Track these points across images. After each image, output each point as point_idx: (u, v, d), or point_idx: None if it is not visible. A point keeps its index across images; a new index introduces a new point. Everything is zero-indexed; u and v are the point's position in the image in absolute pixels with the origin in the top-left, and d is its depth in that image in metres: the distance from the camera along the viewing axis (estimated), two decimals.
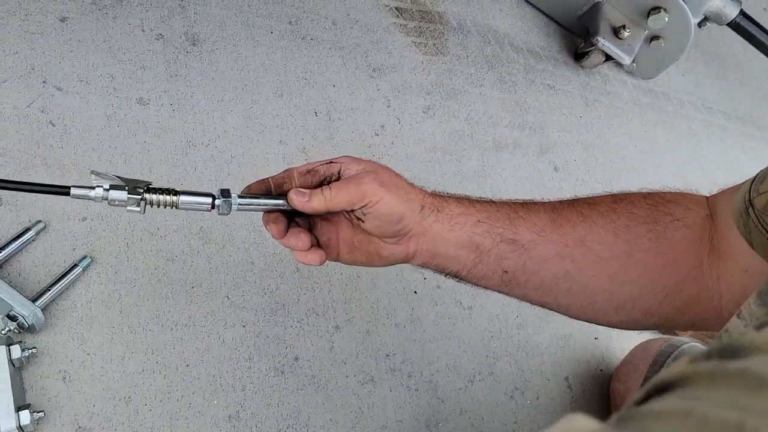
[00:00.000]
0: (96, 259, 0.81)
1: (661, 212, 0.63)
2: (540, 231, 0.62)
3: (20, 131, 0.83)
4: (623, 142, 1.40)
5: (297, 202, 0.58)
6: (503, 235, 0.62)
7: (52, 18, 0.92)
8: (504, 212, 0.63)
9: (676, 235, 0.62)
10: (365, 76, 1.14)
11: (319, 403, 0.86)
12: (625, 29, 1.31)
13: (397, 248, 0.63)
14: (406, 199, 0.60)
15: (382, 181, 0.58)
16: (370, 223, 0.60)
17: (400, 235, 0.61)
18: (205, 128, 0.95)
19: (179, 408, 0.78)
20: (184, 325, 0.82)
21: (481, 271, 0.64)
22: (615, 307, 0.64)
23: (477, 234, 0.62)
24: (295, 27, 1.12)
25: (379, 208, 0.58)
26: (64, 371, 0.74)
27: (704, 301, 0.62)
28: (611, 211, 0.63)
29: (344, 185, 0.58)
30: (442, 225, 0.61)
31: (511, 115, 1.27)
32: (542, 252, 0.62)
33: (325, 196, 0.58)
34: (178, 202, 0.57)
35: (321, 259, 0.62)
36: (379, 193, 0.57)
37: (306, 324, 0.90)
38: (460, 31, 1.31)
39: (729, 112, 1.66)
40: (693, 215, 0.63)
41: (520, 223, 0.62)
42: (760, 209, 0.55)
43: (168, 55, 0.98)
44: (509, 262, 0.63)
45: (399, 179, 0.61)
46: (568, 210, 0.64)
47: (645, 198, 0.64)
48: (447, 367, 0.97)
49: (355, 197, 0.57)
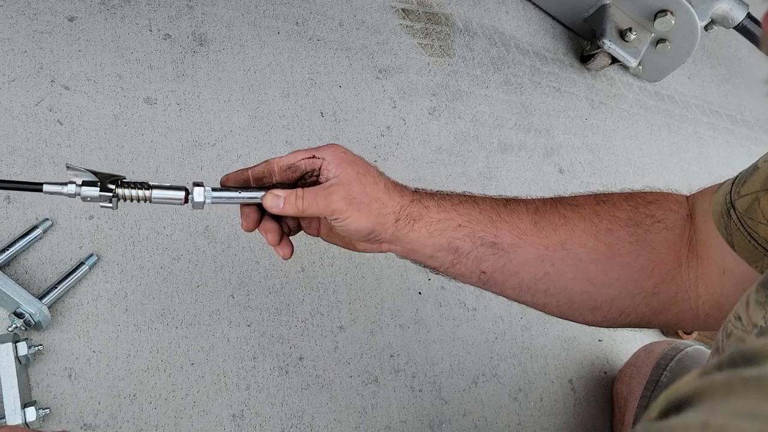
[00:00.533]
0: (102, 257, 0.81)
1: (643, 214, 0.62)
2: (521, 234, 0.62)
3: (28, 129, 0.84)
4: (629, 144, 1.40)
5: (271, 206, 0.59)
6: (483, 239, 0.62)
7: (60, 17, 0.93)
8: (486, 214, 0.62)
9: (657, 238, 0.62)
10: (371, 77, 1.14)
11: (323, 403, 0.86)
12: (631, 32, 1.31)
13: (370, 246, 0.63)
14: (377, 215, 0.59)
15: (352, 198, 0.57)
16: (340, 231, 0.60)
17: (370, 240, 0.62)
18: (212, 128, 0.96)
19: (184, 406, 0.78)
20: (189, 324, 0.83)
21: (458, 270, 0.64)
22: (592, 308, 0.64)
23: (457, 238, 0.61)
24: (302, 28, 1.12)
25: (346, 224, 0.58)
26: (69, 369, 0.75)
27: (681, 302, 0.62)
28: (593, 214, 0.63)
29: (315, 197, 0.57)
30: (418, 233, 0.61)
31: (517, 117, 1.27)
32: (522, 255, 0.62)
33: (297, 206, 0.58)
34: (150, 196, 0.58)
35: (285, 255, 0.63)
36: (347, 212, 0.57)
37: (310, 324, 0.90)
38: (466, 33, 1.31)
39: (735, 116, 1.66)
40: (674, 216, 0.63)
41: (502, 225, 0.62)
42: (742, 212, 0.55)
43: (175, 55, 0.98)
44: (488, 263, 0.63)
45: (375, 189, 0.59)
46: (550, 212, 0.63)
47: (627, 200, 0.64)
48: (451, 368, 0.97)
49: (324, 211, 0.58)
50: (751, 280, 0.55)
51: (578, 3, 1.37)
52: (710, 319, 0.62)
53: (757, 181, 0.54)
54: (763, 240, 0.53)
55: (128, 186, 0.57)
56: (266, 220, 0.63)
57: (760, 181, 0.54)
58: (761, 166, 0.55)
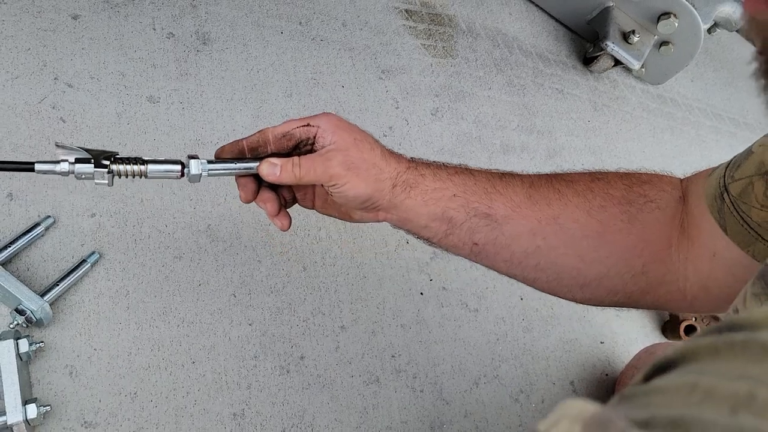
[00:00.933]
0: (104, 255, 0.81)
1: (636, 193, 0.63)
2: (515, 207, 0.62)
3: (31, 127, 0.84)
4: (631, 147, 1.40)
5: (268, 174, 0.58)
6: (477, 210, 0.61)
7: (64, 15, 0.93)
8: (481, 185, 0.62)
9: (649, 217, 0.62)
10: (374, 78, 1.14)
11: (324, 403, 0.86)
12: (634, 34, 1.31)
13: (366, 215, 0.63)
14: (375, 180, 0.59)
15: (350, 163, 0.57)
16: (337, 198, 0.60)
17: (367, 208, 0.62)
18: (215, 126, 0.96)
19: (185, 405, 0.78)
20: (191, 323, 0.83)
21: (451, 242, 0.64)
22: (581, 284, 0.64)
23: (451, 208, 0.61)
24: (306, 28, 1.12)
25: (344, 190, 0.58)
26: (71, 366, 0.75)
27: (669, 282, 0.62)
28: (587, 190, 0.63)
29: (312, 164, 0.57)
30: (414, 201, 0.61)
31: (520, 119, 1.27)
32: (515, 227, 0.62)
33: (294, 173, 0.58)
34: (146, 171, 0.57)
35: (283, 227, 0.63)
36: (345, 177, 0.57)
37: (312, 323, 0.90)
38: (469, 34, 1.31)
39: (738, 119, 1.66)
40: (667, 197, 0.63)
41: (497, 197, 0.62)
42: (736, 195, 0.55)
43: (179, 53, 0.98)
44: (481, 235, 0.62)
45: (372, 155, 0.59)
46: (545, 186, 0.63)
47: (621, 178, 0.64)
48: (452, 369, 0.97)
49: (322, 177, 0.57)
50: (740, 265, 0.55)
51: (581, 5, 1.37)
52: (696, 302, 0.62)
53: (751, 166, 0.55)
54: (755, 224, 0.54)
55: (123, 161, 0.56)
56: (264, 190, 0.63)
57: (754, 166, 0.54)
58: (756, 150, 0.55)
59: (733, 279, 0.57)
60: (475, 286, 1.04)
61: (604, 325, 1.13)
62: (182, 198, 0.89)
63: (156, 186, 0.88)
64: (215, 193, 0.91)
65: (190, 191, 0.90)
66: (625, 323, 1.16)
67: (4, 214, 0.78)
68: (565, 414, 0.24)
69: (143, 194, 0.87)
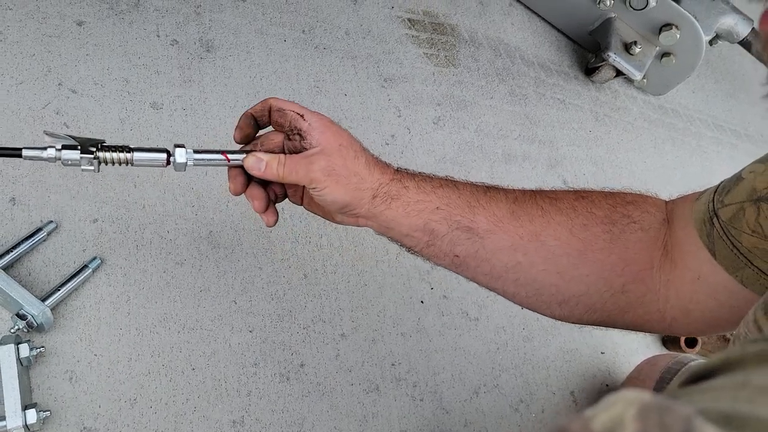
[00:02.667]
0: (106, 261, 0.81)
1: (620, 213, 0.63)
2: (497, 221, 0.62)
3: (35, 132, 0.84)
4: (632, 157, 1.40)
5: (252, 168, 0.59)
6: (460, 223, 0.62)
7: (69, 22, 0.93)
8: (464, 199, 0.63)
9: (631, 237, 0.62)
10: (377, 86, 1.15)
11: (323, 411, 0.86)
12: (636, 45, 1.31)
13: (347, 219, 0.64)
14: (354, 189, 0.59)
15: (331, 170, 0.58)
16: (317, 200, 0.61)
17: (346, 214, 0.63)
18: (217, 133, 0.96)
19: (184, 411, 0.78)
20: (191, 329, 0.83)
21: (432, 252, 0.64)
22: (560, 301, 0.64)
23: (433, 220, 0.62)
24: (309, 36, 1.13)
25: (323, 194, 0.59)
26: (71, 371, 0.75)
27: (649, 303, 0.62)
28: (571, 209, 0.63)
29: (295, 165, 0.58)
30: (395, 212, 0.61)
31: (521, 128, 1.28)
32: (496, 242, 0.62)
33: (278, 172, 0.59)
34: (132, 158, 0.57)
35: (269, 223, 0.64)
36: (325, 182, 0.58)
37: (312, 331, 0.90)
38: (471, 43, 1.31)
39: (739, 131, 1.66)
40: (650, 218, 0.63)
41: (479, 211, 0.62)
42: (726, 220, 0.55)
43: (182, 60, 0.99)
44: (462, 248, 0.63)
45: (356, 164, 0.60)
46: (529, 203, 0.64)
47: (606, 198, 0.64)
48: (452, 378, 0.96)
49: (303, 179, 0.58)
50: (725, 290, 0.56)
51: (583, 16, 1.38)
52: (675, 323, 0.62)
53: (742, 192, 0.55)
54: (746, 250, 0.54)
55: (109, 149, 0.57)
56: (253, 186, 0.63)
57: (745, 192, 0.54)
58: (746, 176, 0.56)
59: (716, 304, 0.57)
60: (476, 295, 1.04)
61: (604, 335, 1.13)
62: (184, 204, 0.89)
63: (158, 192, 0.88)
64: (217, 200, 0.91)
65: (192, 198, 0.90)
66: (626, 334, 1.16)
67: (6, 219, 0.78)
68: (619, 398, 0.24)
69: (145, 200, 0.87)
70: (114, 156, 0.57)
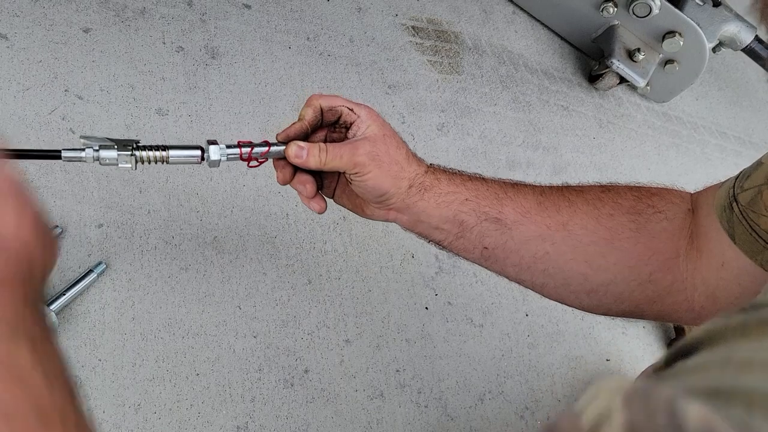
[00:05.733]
0: (111, 266, 0.81)
1: (645, 204, 0.64)
2: (525, 212, 0.63)
3: (41, 137, 0.85)
4: (636, 164, 1.40)
5: (295, 157, 0.60)
6: (488, 214, 0.63)
7: (76, 29, 0.94)
8: (493, 191, 0.64)
9: (657, 227, 0.63)
10: (381, 93, 1.15)
11: (327, 417, 0.85)
12: (639, 52, 1.32)
13: (378, 212, 0.65)
14: (395, 177, 0.61)
15: (375, 155, 0.60)
16: (355, 187, 0.62)
17: (381, 204, 0.64)
18: (222, 140, 0.95)
19: (188, 417, 0.78)
20: (196, 334, 0.82)
21: (462, 245, 0.65)
22: (588, 290, 0.65)
23: (462, 212, 0.63)
24: (313, 43, 1.13)
25: (364, 179, 0.60)
26: (75, 376, 0.74)
27: (676, 292, 0.63)
28: (597, 199, 0.65)
29: (340, 151, 0.59)
30: (427, 203, 0.63)
31: (525, 135, 1.28)
32: (524, 232, 0.63)
33: (320, 158, 0.59)
34: (167, 156, 0.58)
35: (321, 209, 0.65)
36: (368, 167, 0.59)
37: (317, 337, 0.90)
38: (475, 51, 1.32)
39: (743, 138, 1.66)
40: (675, 209, 0.64)
41: (507, 203, 0.64)
42: (745, 204, 0.56)
43: (188, 67, 0.99)
44: (491, 239, 0.64)
45: (398, 153, 0.62)
46: (555, 195, 0.65)
47: (631, 190, 0.66)
48: (457, 385, 0.96)
49: (347, 165, 0.59)
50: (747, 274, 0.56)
51: (587, 23, 1.38)
52: (704, 311, 0.62)
53: (760, 176, 0.56)
54: (764, 232, 0.55)
55: (146, 148, 0.58)
56: (300, 173, 0.64)
57: (763, 175, 0.55)
58: (765, 161, 0.57)
59: (740, 289, 0.58)
60: (481, 302, 1.03)
61: (610, 342, 1.13)
62: (189, 210, 0.89)
63: (163, 197, 0.88)
64: (222, 206, 0.92)
65: (196, 203, 0.90)
66: (632, 341, 1.15)
67: None
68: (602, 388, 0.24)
69: (150, 205, 0.87)
70: (150, 154, 0.58)
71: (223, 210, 0.91)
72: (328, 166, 0.60)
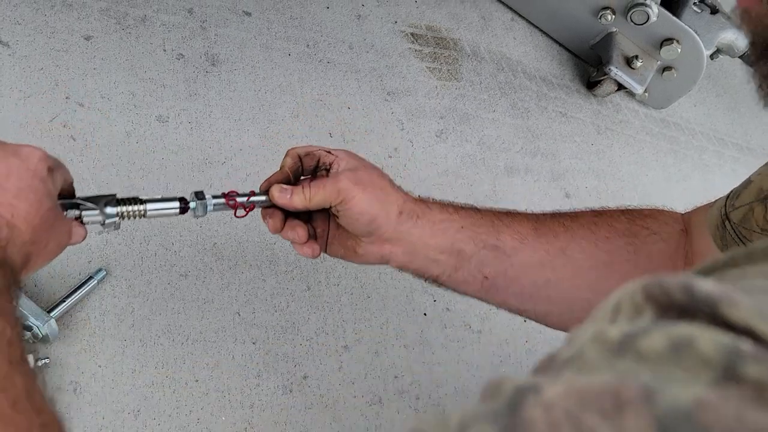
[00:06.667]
0: (111, 272, 0.82)
1: (639, 226, 0.65)
2: (522, 239, 0.63)
3: (42, 144, 0.84)
4: (635, 170, 1.41)
5: (279, 198, 0.60)
6: (486, 242, 0.63)
7: (77, 36, 0.95)
8: (488, 219, 0.64)
9: (654, 249, 0.63)
10: (380, 100, 1.16)
11: (326, 423, 0.86)
12: (637, 59, 1.32)
13: (372, 248, 0.63)
14: (382, 201, 0.60)
15: (358, 180, 0.59)
16: (344, 220, 0.61)
17: (373, 235, 0.62)
18: (222, 146, 0.97)
19: (187, 423, 0.78)
20: (195, 341, 0.83)
21: (461, 277, 0.64)
22: None
23: (459, 240, 0.62)
24: (313, 50, 1.14)
25: (351, 206, 0.59)
26: (75, 383, 0.75)
27: None
28: (592, 223, 0.65)
29: (322, 184, 0.59)
30: (422, 231, 0.62)
31: (524, 141, 1.28)
32: (524, 259, 0.63)
33: (305, 195, 0.59)
34: (145, 211, 0.57)
35: (314, 253, 0.64)
36: (353, 192, 0.58)
37: (315, 343, 0.90)
38: (474, 57, 1.33)
39: (741, 144, 1.67)
40: (669, 229, 0.65)
41: (503, 230, 0.63)
42: (737, 222, 0.57)
43: (188, 74, 1.00)
44: (490, 268, 0.63)
45: (381, 180, 0.61)
46: (550, 221, 0.65)
47: (623, 213, 0.66)
48: (455, 391, 0.96)
49: (331, 195, 0.59)
50: None
51: (585, 30, 1.39)
52: None
53: (751, 193, 0.57)
54: None
55: (121, 203, 0.56)
56: (290, 219, 0.63)
57: (754, 193, 0.56)
58: (754, 179, 0.58)
59: None
60: (479, 308, 1.04)
61: None
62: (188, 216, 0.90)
63: None
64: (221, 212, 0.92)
65: None
66: None
67: None
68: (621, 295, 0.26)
69: None
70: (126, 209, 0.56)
71: (223, 216, 0.92)
72: (314, 201, 0.59)
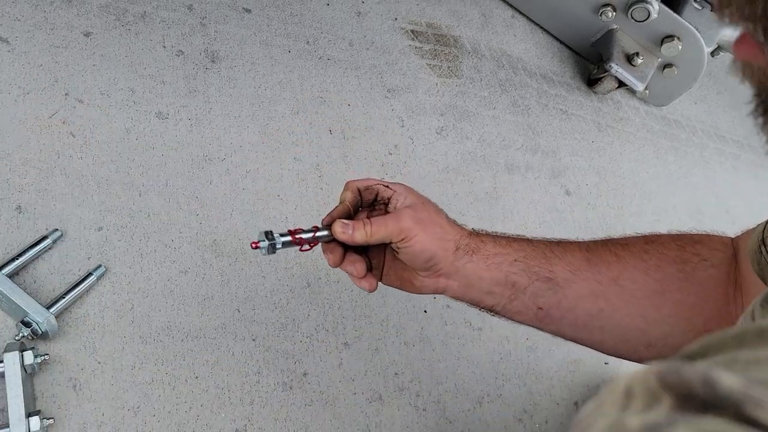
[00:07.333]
0: (110, 269, 0.82)
1: (690, 252, 0.65)
2: (575, 270, 0.64)
3: (41, 141, 0.85)
4: (635, 167, 1.41)
5: (341, 235, 0.61)
6: (539, 274, 0.63)
7: (76, 33, 0.94)
8: (540, 250, 0.65)
9: (704, 275, 0.64)
10: (380, 97, 1.15)
11: (326, 420, 0.86)
12: (638, 56, 1.32)
13: (428, 281, 0.65)
14: (440, 239, 0.61)
15: (419, 219, 0.61)
16: (404, 256, 0.62)
17: (430, 270, 0.63)
18: (222, 143, 0.97)
19: (187, 420, 0.78)
20: (195, 337, 0.83)
21: (515, 307, 0.65)
22: (646, 344, 0.65)
23: (513, 273, 0.63)
24: (313, 47, 1.14)
25: (412, 245, 0.60)
26: (75, 379, 0.75)
27: None
28: (642, 252, 0.65)
29: (384, 221, 0.60)
30: (476, 265, 0.63)
31: (524, 139, 1.28)
32: (577, 290, 0.64)
33: (366, 231, 0.60)
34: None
35: (371, 287, 0.66)
36: (414, 230, 0.60)
37: (315, 340, 0.90)
38: (474, 54, 1.32)
39: (742, 141, 1.66)
40: (719, 255, 0.65)
41: (556, 261, 0.64)
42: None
43: (188, 71, 1.00)
44: (544, 299, 0.64)
45: (438, 217, 0.63)
46: (602, 250, 0.66)
47: (674, 239, 0.66)
48: (455, 388, 0.96)
49: (392, 233, 0.60)
50: None
51: (585, 27, 1.39)
52: None
53: None
54: None
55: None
56: (349, 253, 0.65)
57: None
58: None
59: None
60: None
61: None
62: (188, 213, 0.90)
63: (163, 201, 0.88)
64: (221, 209, 0.92)
65: (196, 206, 0.90)
66: None
67: (12, 227, 0.79)
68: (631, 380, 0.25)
69: (150, 209, 0.87)
70: None
71: (222, 213, 0.92)
72: (375, 237, 0.60)
